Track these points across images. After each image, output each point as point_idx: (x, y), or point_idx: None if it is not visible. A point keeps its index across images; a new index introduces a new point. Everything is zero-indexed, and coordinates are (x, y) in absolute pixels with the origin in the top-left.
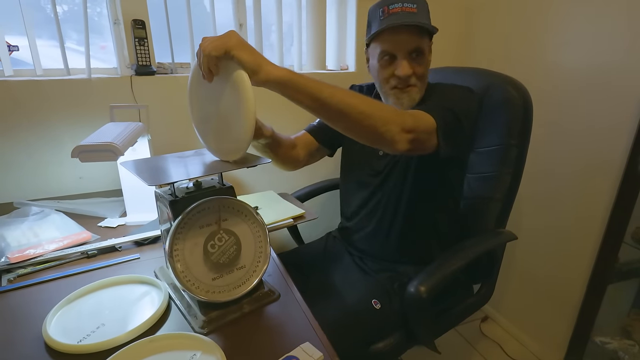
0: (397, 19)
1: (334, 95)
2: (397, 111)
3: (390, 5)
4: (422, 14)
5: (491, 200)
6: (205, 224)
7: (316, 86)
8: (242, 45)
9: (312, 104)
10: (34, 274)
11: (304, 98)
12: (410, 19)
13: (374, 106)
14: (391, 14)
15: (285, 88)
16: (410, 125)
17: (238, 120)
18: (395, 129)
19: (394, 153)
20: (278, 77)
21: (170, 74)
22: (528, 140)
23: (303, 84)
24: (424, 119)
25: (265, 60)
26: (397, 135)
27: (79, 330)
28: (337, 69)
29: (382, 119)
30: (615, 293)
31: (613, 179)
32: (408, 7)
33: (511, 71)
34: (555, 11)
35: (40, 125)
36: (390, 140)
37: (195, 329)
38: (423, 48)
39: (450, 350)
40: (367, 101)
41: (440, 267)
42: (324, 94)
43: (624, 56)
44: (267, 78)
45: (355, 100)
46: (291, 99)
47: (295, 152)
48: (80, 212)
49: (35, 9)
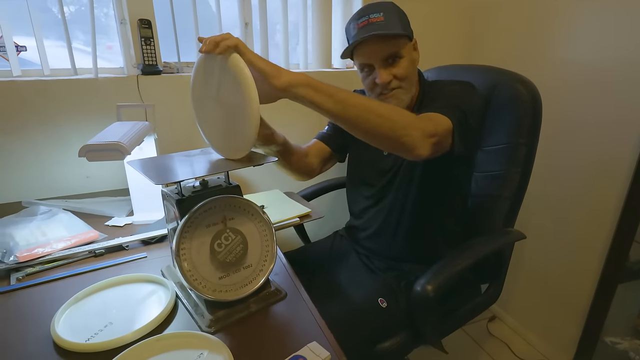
0: (365, 32)
1: (352, 98)
2: (416, 116)
3: (359, 20)
4: (390, 20)
5: (499, 199)
6: (212, 222)
7: (334, 89)
8: (258, 57)
9: (334, 107)
10: (42, 272)
11: (325, 100)
12: (377, 28)
13: (394, 110)
14: (360, 28)
15: (306, 89)
16: (432, 130)
17: (242, 117)
18: (417, 133)
19: (414, 159)
20: (298, 79)
21: (176, 73)
22: (537, 138)
23: (322, 87)
24: (441, 121)
25: (282, 68)
26: (420, 140)
27: (86, 328)
28: (343, 67)
29: (401, 123)
30: (625, 293)
31: (623, 177)
32: (374, 17)
33: (519, 68)
34: (562, 7)
35: (48, 124)
36: (410, 146)
37: (202, 328)
38: (397, 52)
39: (458, 349)
40: (385, 105)
41: (447, 266)
42: (341, 95)
43: (633, 51)
44: (289, 80)
45: (374, 104)
46: (311, 101)
47: (309, 161)
48: (88, 211)
49: (43, 10)
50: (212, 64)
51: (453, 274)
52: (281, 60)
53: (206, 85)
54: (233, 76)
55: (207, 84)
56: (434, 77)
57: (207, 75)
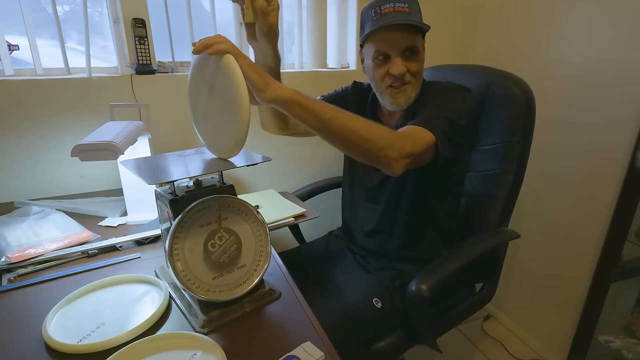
0: (390, 18)
1: (336, 118)
2: (396, 136)
3: (382, 5)
4: (414, 13)
5: (494, 198)
6: (206, 222)
7: (320, 107)
8: (253, 67)
9: (316, 124)
10: (34, 273)
11: (309, 117)
12: (403, 17)
13: (374, 131)
14: (383, 14)
15: (291, 106)
16: (409, 151)
17: (233, 117)
18: (393, 154)
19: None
20: (284, 95)
21: (170, 72)
22: (531, 137)
23: (308, 104)
24: (422, 137)
25: (272, 80)
26: (394, 161)
27: (79, 329)
28: (338, 67)
29: (380, 144)
30: (618, 291)
31: (616, 176)
32: (400, 6)
33: (513, 68)
34: (556, 7)
35: (41, 124)
36: (385, 166)
37: (196, 328)
38: (417, 46)
39: (453, 349)
40: (367, 126)
41: (441, 266)
42: (326, 115)
43: (626, 52)
44: (275, 96)
45: (356, 124)
46: (295, 116)
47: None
48: (81, 212)
49: (36, 9)
50: (207, 65)
51: (447, 274)
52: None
53: (201, 85)
54: (225, 76)
55: (202, 84)
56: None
57: (202, 75)
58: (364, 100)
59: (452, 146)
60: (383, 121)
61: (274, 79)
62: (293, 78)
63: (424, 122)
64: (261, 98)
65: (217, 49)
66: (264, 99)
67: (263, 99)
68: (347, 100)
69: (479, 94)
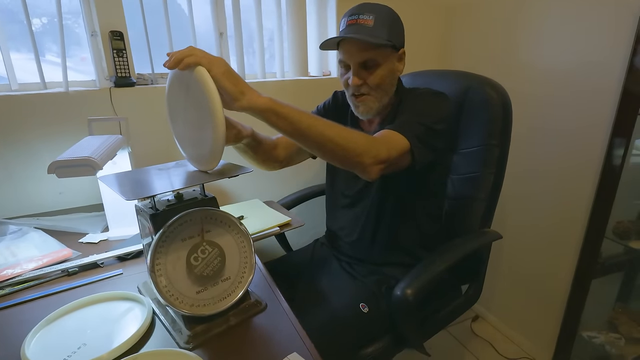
0: (350, 31)
1: (313, 127)
2: (371, 142)
3: (350, 16)
4: (378, 27)
5: (475, 201)
6: (188, 236)
7: (297, 116)
8: (227, 75)
9: (293, 132)
10: (12, 294)
11: (285, 126)
12: (361, 32)
13: (350, 138)
14: (348, 25)
15: (267, 114)
16: (384, 157)
17: (209, 129)
18: (368, 161)
19: (368, 180)
20: (260, 104)
21: (150, 84)
22: (509, 139)
23: (284, 112)
24: (397, 143)
25: (248, 88)
26: (369, 167)
27: (59, 351)
28: (319, 74)
29: (355, 150)
30: (600, 287)
31: (593, 176)
32: (364, 19)
33: (491, 72)
34: (532, 12)
35: (18, 141)
36: (362, 171)
37: (180, 344)
38: (375, 60)
39: (442, 350)
40: (343, 133)
41: (426, 269)
42: (303, 124)
43: (599, 56)
44: (250, 104)
45: (332, 132)
46: (272, 125)
47: (277, 153)
48: (61, 229)
49: (12, 21)
50: (182, 77)
51: (432, 277)
52: (257, 70)
53: (178, 97)
54: (197, 89)
55: (178, 97)
56: (408, 84)
57: (179, 88)
58: (345, 107)
59: (428, 151)
60: (363, 128)
61: (250, 87)
62: (275, 87)
63: (399, 127)
64: (236, 106)
65: (187, 62)
66: (239, 107)
67: (238, 107)
68: (327, 114)
69: (458, 99)
